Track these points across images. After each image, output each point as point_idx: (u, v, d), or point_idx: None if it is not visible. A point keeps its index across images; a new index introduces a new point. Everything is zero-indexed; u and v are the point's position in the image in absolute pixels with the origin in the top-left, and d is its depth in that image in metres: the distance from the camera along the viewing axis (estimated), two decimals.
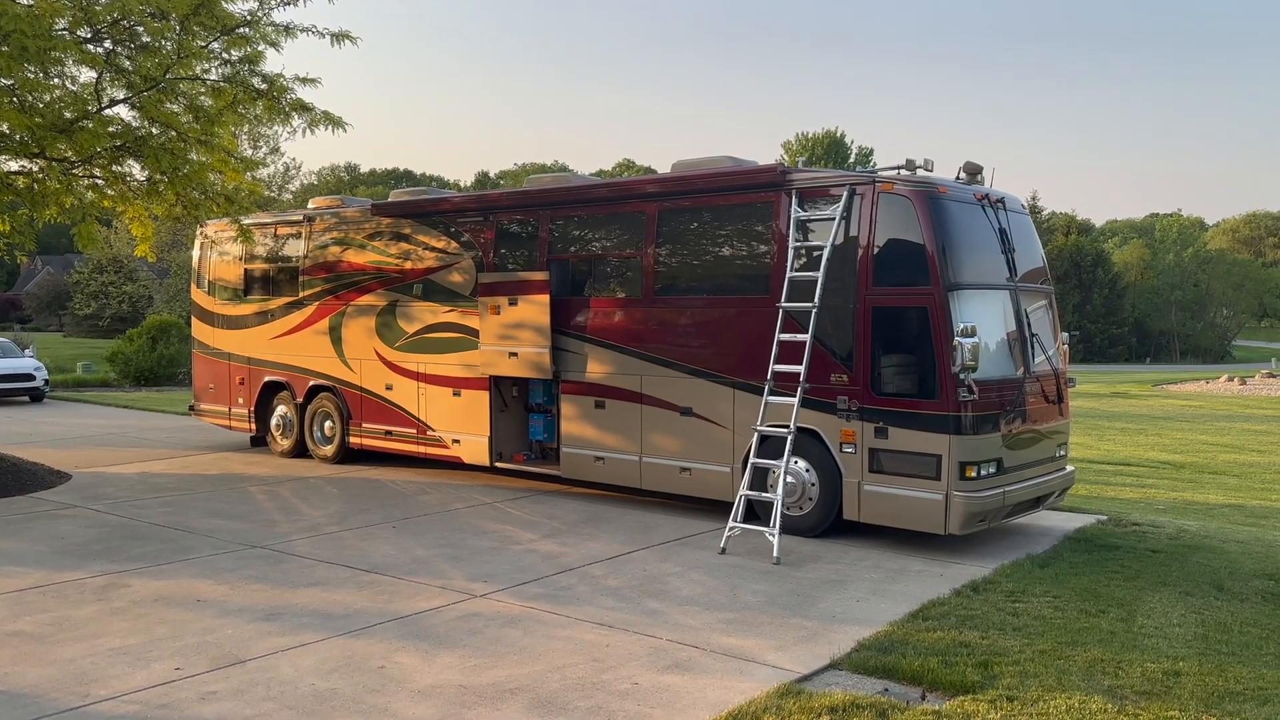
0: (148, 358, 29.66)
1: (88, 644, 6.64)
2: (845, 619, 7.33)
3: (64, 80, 11.93)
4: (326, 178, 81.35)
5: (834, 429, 9.69)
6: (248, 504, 11.55)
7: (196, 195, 12.52)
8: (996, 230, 9.93)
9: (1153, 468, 16.86)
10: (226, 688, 5.90)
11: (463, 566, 8.74)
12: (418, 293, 13.33)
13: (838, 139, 79.23)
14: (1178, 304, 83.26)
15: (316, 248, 14.61)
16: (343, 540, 9.72)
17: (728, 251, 10.84)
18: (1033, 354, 9.97)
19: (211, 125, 11.99)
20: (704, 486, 10.76)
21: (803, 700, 5.66)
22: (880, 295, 9.48)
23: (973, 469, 9.06)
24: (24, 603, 7.58)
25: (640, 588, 8.13)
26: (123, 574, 8.42)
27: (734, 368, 10.47)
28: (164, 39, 11.48)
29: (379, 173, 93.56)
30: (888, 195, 9.52)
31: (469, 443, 12.79)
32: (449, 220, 13.16)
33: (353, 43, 11.90)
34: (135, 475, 13.56)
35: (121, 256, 49.10)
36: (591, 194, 12.15)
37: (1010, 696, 5.74)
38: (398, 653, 6.53)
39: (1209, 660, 6.45)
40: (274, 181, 46.36)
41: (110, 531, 10.05)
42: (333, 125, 12.17)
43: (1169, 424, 25.16)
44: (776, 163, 11.82)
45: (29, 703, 5.67)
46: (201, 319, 16.44)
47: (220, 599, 7.72)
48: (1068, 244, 74.98)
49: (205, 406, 16.38)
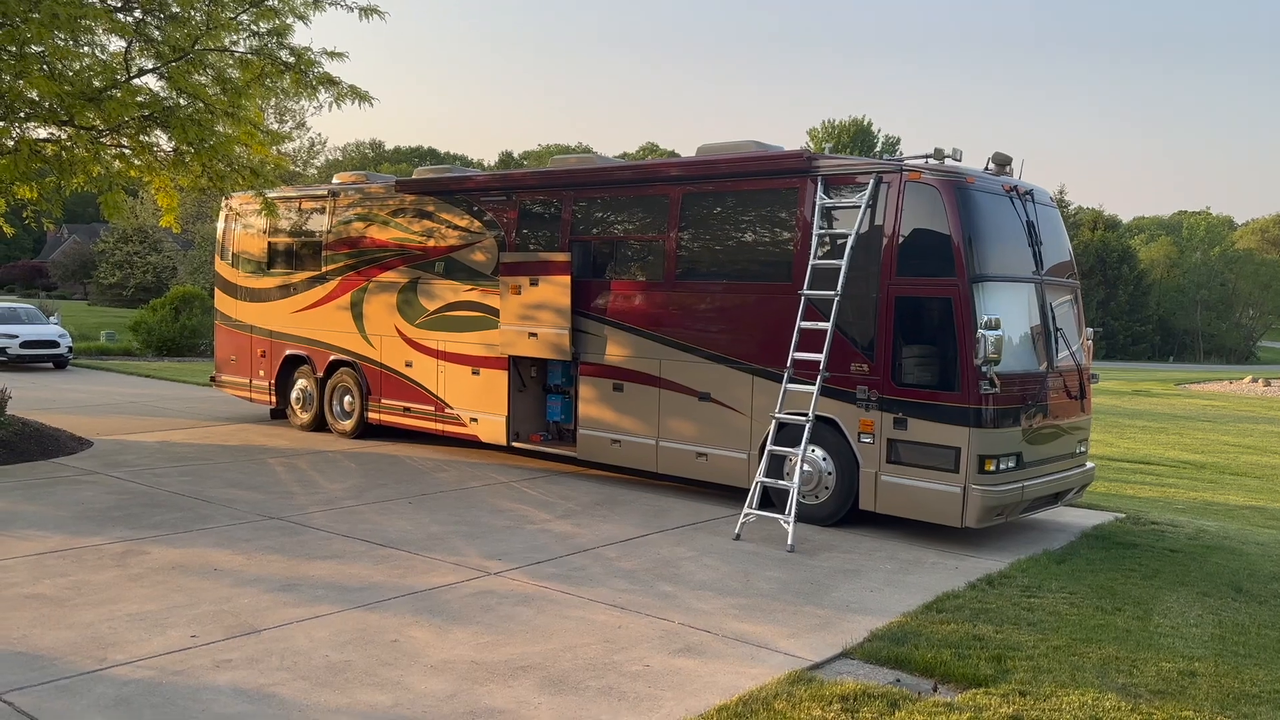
0: (170, 328, 29.89)
1: (106, 609, 6.71)
2: (859, 608, 7.31)
3: (93, 49, 11.97)
4: (351, 153, 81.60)
5: (853, 418, 9.65)
6: (266, 475, 11.63)
7: (222, 167, 12.54)
8: (1024, 222, 9.83)
9: (1173, 467, 16.72)
10: (241, 656, 5.95)
11: (477, 544, 8.78)
12: (439, 270, 13.34)
13: (864, 127, 78.58)
14: (1203, 303, 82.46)
15: (340, 223, 14.64)
16: (359, 514, 9.78)
17: (750, 237, 10.79)
18: (1056, 349, 9.88)
19: (238, 97, 11.99)
20: (720, 472, 10.75)
21: (814, 688, 5.65)
22: (904, 285, 9.41)
23: (992, 462, 9.01)
24: (44, 566, 7.67)
25: (654, 571, 8.14)
26: (141, 541, 8.50)
27: (753, 354, 10.43)
28: (193, 9, 11.49)
29: (403, 150, 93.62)
30: (915, 184, 9.43)
31: (486, 421, 12.83)
32: (472, 199, 13.15)
33: (380, 17, 11.88)
34: (156, 444, 13.67)
35: (146, 227, 49.44)
36: (615, 176, 12.11)
37: (1023, 691, 5.71)
38: (411, 627, 6.56)
39: (1225, 661, 6.40)
40: (299, 156, 46.42)
41: (130, 499, 10.15)
42: (359, 100, 12.17)
43: (1191, 423, 24.94)
44: (802, 149, 11.75)
45: (47, 664, 5.73)
46: (225, 291, 16.53)
47: (237, 568, 7.78)
48: (1094, 239, 74.34)
49: (226, 378, 16.50)
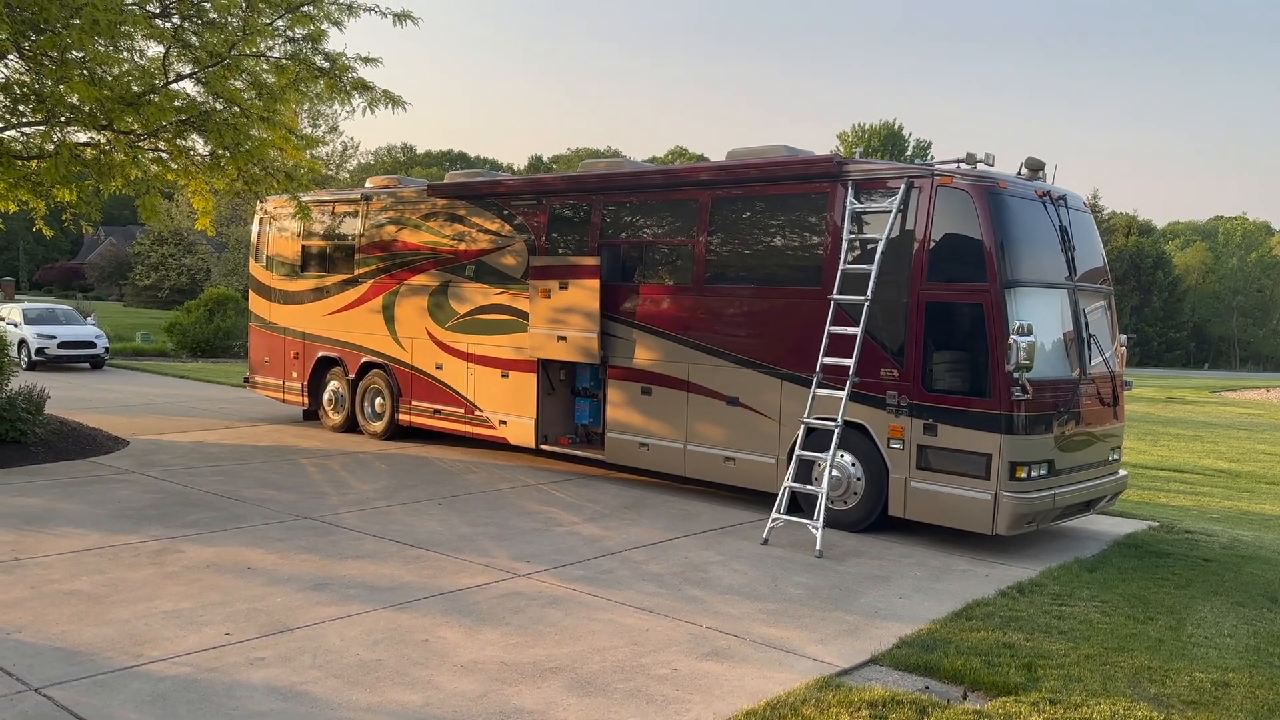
0: (205, 329, 30.28)
1: (142, 606, 6.82)
2: (887, 615, 7.29)
3: (132, 54, 12.18)
4: (383, 157, 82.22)
5: (882, 424, 9.61)
6: (298, 476, 11.76)
7: (257, 171, 12.72)
8: (1057, 228, 9.76)
9: (1208, 475, 16.49)
10: (274, 654, 6.03)
11: (506, 545, 8.83)
12: (470, 274, 13.43)
13: (895, 131, 78.20)
14: (1239, 309, 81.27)
15: (372, 226, 14.78)
16: (390, 515, 9.86)
17: (780, 242, 10.78)
18: (1089, 355, 9.80)
19: (274, 102, 12.16)
20: (748, 477, 10.74)
21: (842, 694, 5.64)
22: (935, 290, 9.37)
23: (1023, 469, 8.94)
24: (82, 563, 7.80)
25: (681, 575, 8.16)
26: (176, 539, 8.62)
27: (782, 359, 10.42)
28: (230, 15, 11.69)
29: (434, 154, 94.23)
30: (946, 189, 9.39)
31: (515, 424, 12.89)
32: (503, 203, 13.24)
33: (414, 23, 12.02)
34: (190, 444, 13.86)
35: (182, 229, 50.10)
36: (645, 180, 12.15)
37: (1053, 700, 5.67)
38: (441, 627, 6.62)
39: (1260, 672, 6.32)
40: (332, 160, 46.96)
41: (165, 498, 10.29)
42: (392, 104, 12.31)
43: (1226, 431, 24.59)
44: (832, 153, 11.73)
45: (85, 660, 5.84)
46: (259, 293, 16.73)
47: (270, 567, 7.87)
48: (1128, 245, 73.50)
49: (260, 379, 16.69)
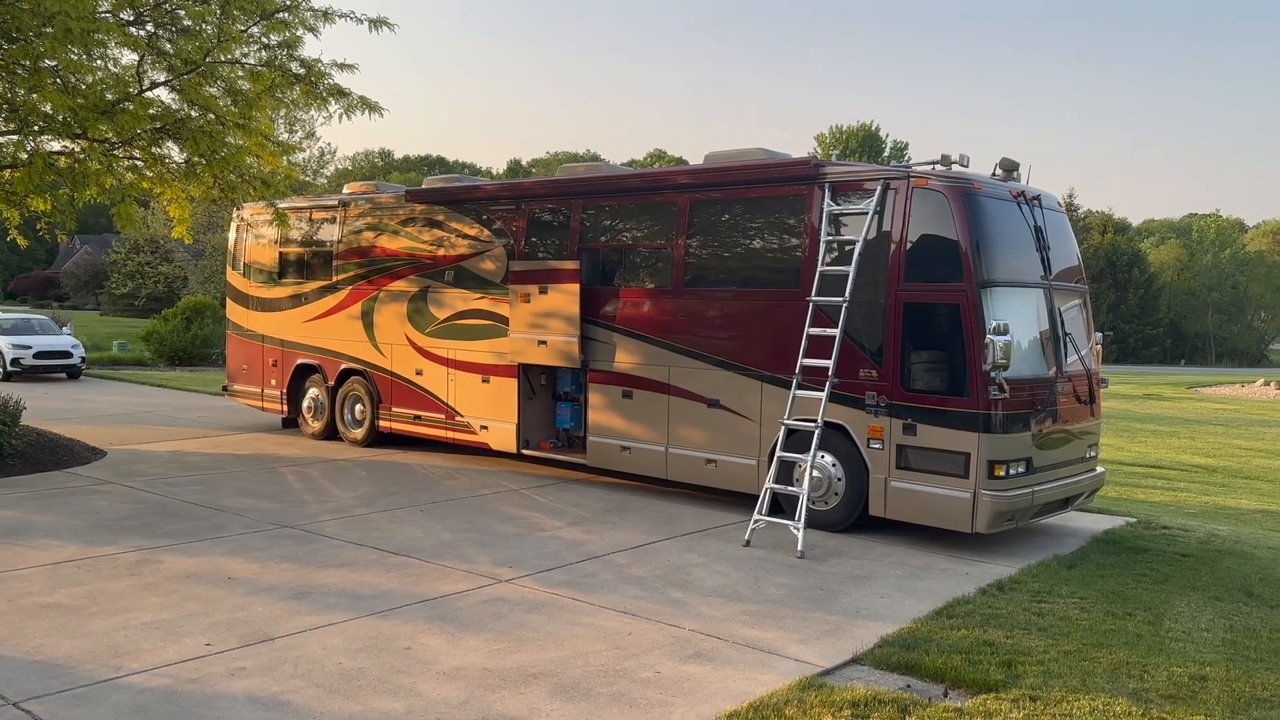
0: (182, 338, 30.05)
1: (121, 617, 6.77)
2: (869, 614, 7.33)
3: (106, 62, 12.10)
4: (360, 163, 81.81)
5: (862, 424, 9.67)
6: (278, 484, 11.70)
7: (233, 178, 12.66)
8: (1032, 227, 9.85)
9: (1184, 471, 16.66)
10: (255, 664, 6.00)
11: (488, 551, 8.82)
12: (449, 279, 13.41)
13: (872, 132, 78.59)
14: (1214, 306, 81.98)
15: (350, 233, 14.73)
16: (371, 522, 9.83)
17: (759, 244, 10.82)
18: (1065, 353, 9.89)
19: (249, 109, 12.11)
20: (729, 479, 10.77)
21: (824, 694, 5.67)
22: (912, 291, 9.43)
23: (1001, 468, 9.01)
24: (60, 575, 7.73)
25: (664, 577, 8.17)
26: (156, 550, 8.56)
27: (762, 361, 10.46)
28: (204, 23, 11.63)
29: (412, 159, 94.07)
30: (922, 190, 9.46)
31: (497, 429, 12.88)
32: (482, 208, 13.23)
33: (390, 29, 12.00)
34: (169, 453, 13.76)
35: (158, 237, 49.79)
36: (624, 184, 12.17)
37: (1033, 696, 5.72)
38: (424, 634, 6.61)
39: (1236, 666, 6.40)
40: (309, 166, 46.68)
41: (144, 508, 10.22)
42: (369, 110, 12.27)
43: (1202, 427, 24.84)
44: (809, 156, 11.79)
45: (63, 673, 5.79)
46: (236, 301, 16.64)
47: (250, 577, 7.83)
48: (1103, 243, 74.04)
49: (238, 387, 16.60)
